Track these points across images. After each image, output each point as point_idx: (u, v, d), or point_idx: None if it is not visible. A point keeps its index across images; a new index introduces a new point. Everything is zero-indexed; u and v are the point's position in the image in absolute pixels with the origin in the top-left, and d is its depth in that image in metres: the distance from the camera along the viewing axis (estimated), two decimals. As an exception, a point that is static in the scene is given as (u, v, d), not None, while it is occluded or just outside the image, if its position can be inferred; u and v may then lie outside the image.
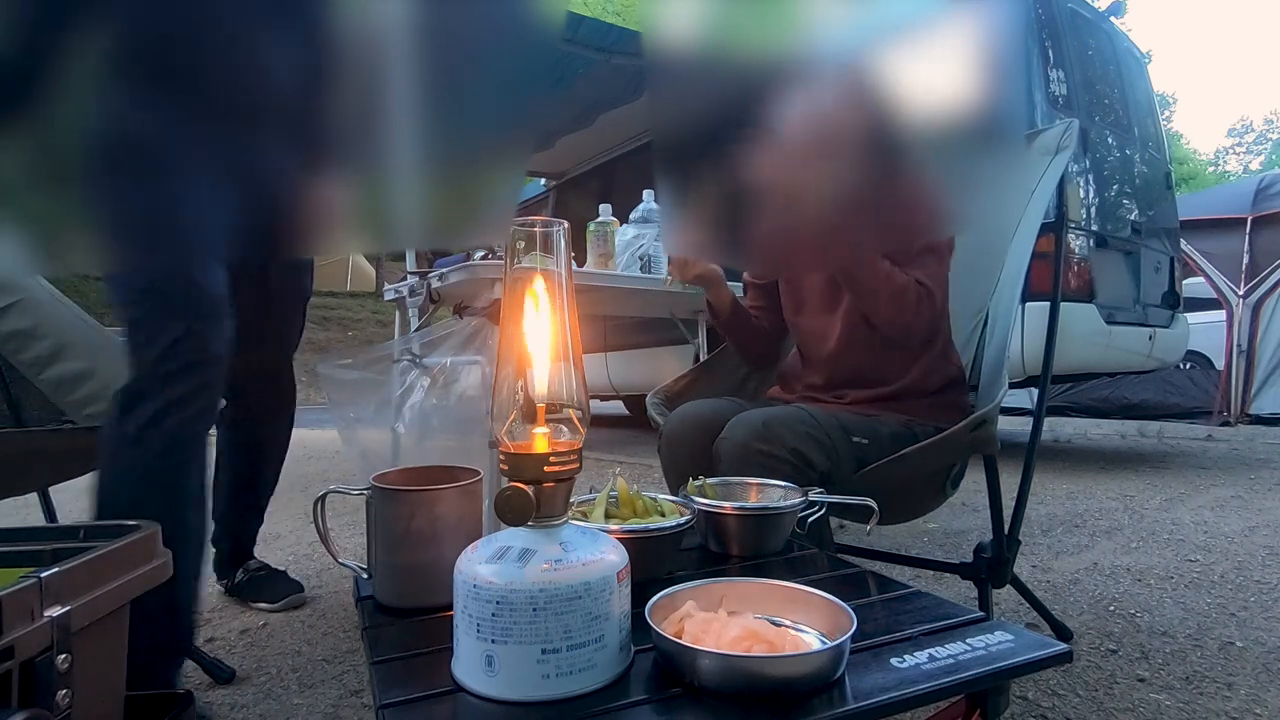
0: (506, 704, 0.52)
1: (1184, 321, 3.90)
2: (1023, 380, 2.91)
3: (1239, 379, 4.55)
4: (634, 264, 2.06)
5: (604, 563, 0.55)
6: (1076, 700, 1.06)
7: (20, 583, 0.40)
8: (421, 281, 1.96)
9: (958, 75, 0.65)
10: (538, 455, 0.55)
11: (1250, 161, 28.58)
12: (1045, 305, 1.33)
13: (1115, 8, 3.68)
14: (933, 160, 0.70)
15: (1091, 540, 2.00)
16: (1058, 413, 5.13)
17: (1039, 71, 3.08)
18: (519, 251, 0.59)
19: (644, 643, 0.58)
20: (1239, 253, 4.56)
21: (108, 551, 0.47)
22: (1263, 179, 4.77)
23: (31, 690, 0.40)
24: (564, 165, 5.03)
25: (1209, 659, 1.21)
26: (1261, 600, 1.49)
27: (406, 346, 1.91)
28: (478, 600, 0.53)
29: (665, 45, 0.71)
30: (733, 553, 0.88)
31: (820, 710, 0.50)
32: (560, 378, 0.58)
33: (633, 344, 4.22)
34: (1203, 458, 3.57)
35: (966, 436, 1.01)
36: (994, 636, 0.59)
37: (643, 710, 0.52)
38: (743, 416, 1.08)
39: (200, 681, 1.16)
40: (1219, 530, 2.09)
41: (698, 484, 0.95)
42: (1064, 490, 2.73)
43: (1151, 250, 3.64)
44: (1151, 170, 3.75)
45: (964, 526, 2.15)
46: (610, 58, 3.16)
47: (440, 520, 0.73)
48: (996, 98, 0.64)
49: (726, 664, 0.52)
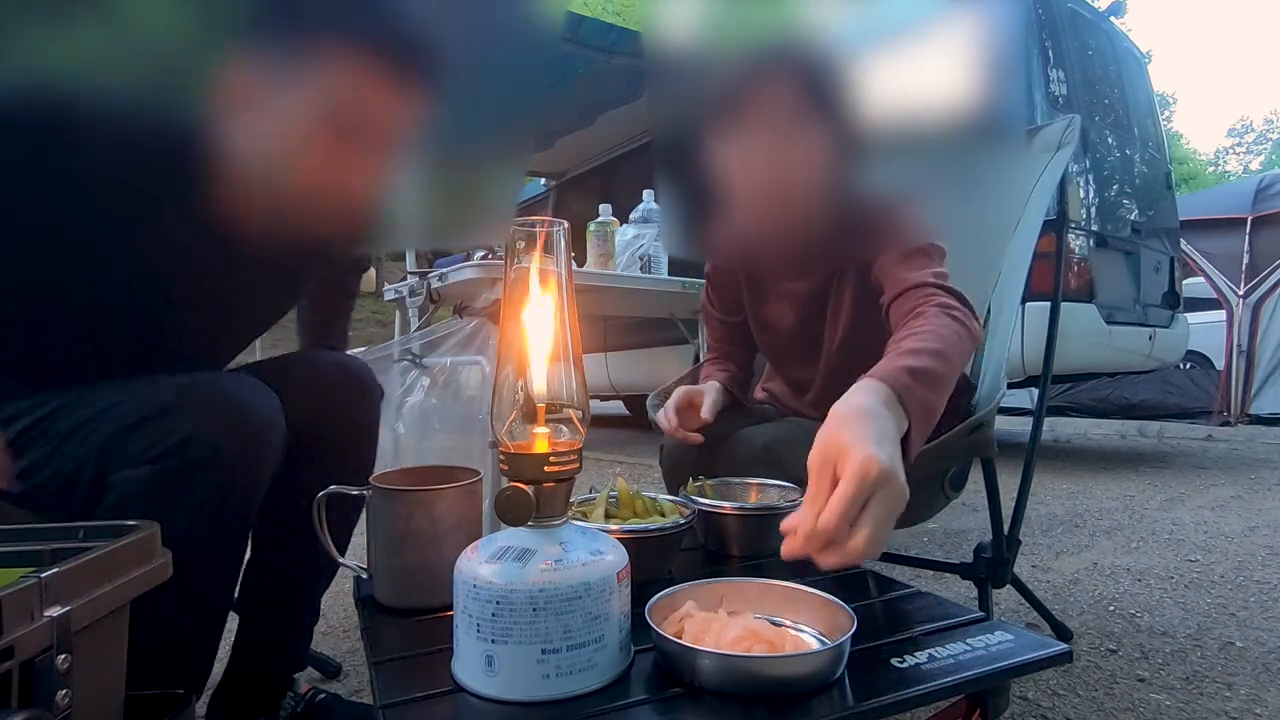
0: (506, 704, 0.52)
1: (1184, 321, 3.90)
2: (1023, 380, 2.91)
3: (1239, 379, 4.55)
4: (634, 264, 2.06)
5: (604, 563, 0.55)
6: (1076, 700, 1.06)
7: (20, 583, 0.40)
8: (421, 281, 1.96)
9: (958, 75, 0.65)
10: (538, 455, 0.55)
11: (1250, 161, 28.60)
12: (1045, 305, 1.33)
13: (1115, 8, 3.68)
14: (933, 159, 0.70)
15: (1091, 540, 2.00)
16: (1058, 413, 5.13)
17: (1039, 71, 3.08)
18: (519, 251, 0.59)
19: (644, 643, 0.58)
20: (1239, 253, 4.57)
21: (108, 551, 0.47)
22: (1263, 179, 4.77)
23: (31, 690, 0.40)
24: (564, 165, 5.03)
25: (1209, 659, 1.21)
26: (1261, 600, 1.49)
27: (406, 346, 1.91)
28: (478, 600, 0.53)
29: (665, 45, 0.71)
30: (733, 553, 0.88)
31: (820, 710, 0.50)
32: (560, 378, 0.58)
33: (633, 344, 4.22)
34: (1203, 458, 3.57)
35: (963, 440, 1.01)
36: (994, 637, 0.59)
37: (643, 710, 0.51)
38: (742, 438, 1.07)
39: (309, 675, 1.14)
40: (1219, 530, 2.09)
41: (698, 484, 0.95)
42: (1064, 490, 2.73)
43: (1151, 250, 3.64)
44: (1151, 170, 3.75)
45: (964, 526, 2.15)
46: (610, 58, 3.16)
47: (440, 520, 0.73)
48: (996, 97, 0.64)
49: (726, 664, 0.52)
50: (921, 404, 0.68)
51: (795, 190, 0.82)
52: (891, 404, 0.66)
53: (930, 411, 0.70)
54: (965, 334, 0.80)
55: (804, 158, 0.80)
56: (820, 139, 0.77)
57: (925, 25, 0.67)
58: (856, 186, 0.75)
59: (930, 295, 0.86)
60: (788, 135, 0.80)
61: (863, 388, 0.68)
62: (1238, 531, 2.07)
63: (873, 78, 0.67)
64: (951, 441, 1.01)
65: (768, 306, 1.14)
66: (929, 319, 0.81)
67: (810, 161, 0.80)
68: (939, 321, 0.80)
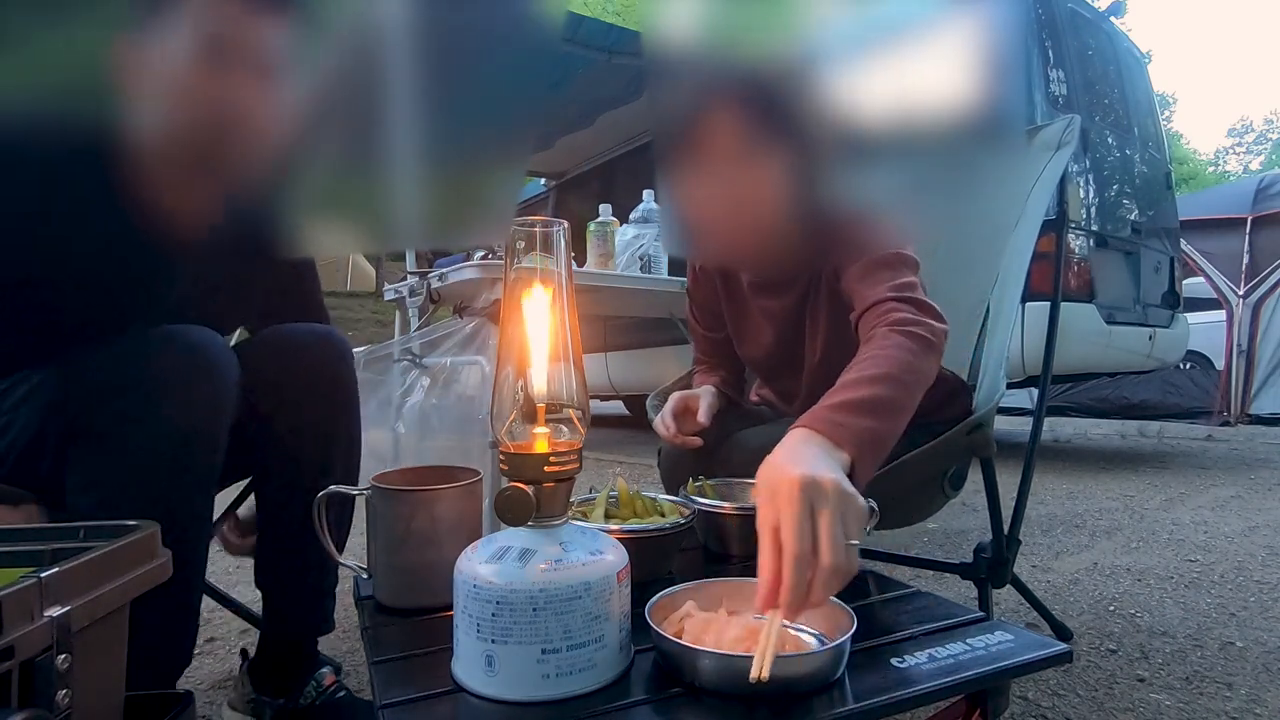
0: (506, 704, 0.52)
1: (1184, 321, 3.90)
2: (1023, 380, 2.91)
3: (1239, 379, 4.55)
4: (634, 264, 2.06)
5: (604, 563, 0.55)
6: (1076, 700, 1.06)
7: (20, 582, 0.40)
8: (421, 281, 1.96)
9: (958, 75, 0.65)
10: (538, 455, 0.55)
11: (1250, 161, 28.59)
12: (1045, 305, 1.33)
13: (1115, 8, 3.68)
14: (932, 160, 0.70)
15: (1091, 540, 2.00)
16: (1058, 413, 5.13)
17: (1039, 71, 3.08)
18: (519, 251, 0.59)
19: (644, 643, 0.58)
20: (1239, 253, 4.57)
21: (108, 551, 0.47)
22: (1263, 179, 4.78)
23: (31, 690, 0.40)
24: (564, 165, 5.02)
25: (1209, 659, 1.21)
26: (1261, 600, 1.49)
27: (406, 346, 1.91)
28: (478, 600, 0.53)
29: (665, 45, 0.71)
30: (733, 553, 0.88)
31: (820, 710, 0.50)
32: (560, 378, 0.58)
33: (633, 344, 4.22)
34: (1203, 458, 3.57)
35: (963, 440, 1.01)
36: (994, 637, 0.59)
37: (643, 710, 0.52)
38: (739, 440, 1.07)
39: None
40: (1219, 530, 2.09)
41: (697, 484, 0.95)
42: (1064, 490, 2.73)
43: (1151, 250, 3.64)
44: (1151, 170, 3.75)
45: (964, 526, 2.15)
46: (610, 58, 3.16)
47: (440, 520, 0.73)
48: (996, 97, 0.64)
49: (726, 664, 0.52)
50: (859, 433, 0.68)
51: (758, 203, 0.82)
52: (815, 440, 0.66)
53: (877, 436, 0.70)
54: (917, 347, 0.79)
55: (766, 171, 0.80)
56: (791, 150, 0.77)
57: (925, 25, 0.67)
58: (823, 198, 0.76)
59: (886, 313, 0.85)
60: (755, 148, 0.80)
61: (788, 437, 0.68)
62: (1238, 531, 2.07)
63: (871, 78, 0.67)
64: (951, 441, 1.01)
65: (747, 324, 1.14)
66: (876, 343, 0.81)
67: (775, 174, 0.80)
68: (886, 343, 0.80)
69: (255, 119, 0.73)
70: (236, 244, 0.82)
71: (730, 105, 0.80)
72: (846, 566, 0.56)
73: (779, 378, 1.18)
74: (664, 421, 1.06)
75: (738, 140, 0.80)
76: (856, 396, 0.72)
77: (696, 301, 1.23)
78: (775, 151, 0.78)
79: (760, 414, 1.23)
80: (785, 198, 0.79)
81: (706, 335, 1.24)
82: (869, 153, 0.70)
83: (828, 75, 0.69)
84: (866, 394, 0.72)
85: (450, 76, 0.69)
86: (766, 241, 0.87)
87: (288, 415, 0.88)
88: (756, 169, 0.80)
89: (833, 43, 0.69)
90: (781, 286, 1.05)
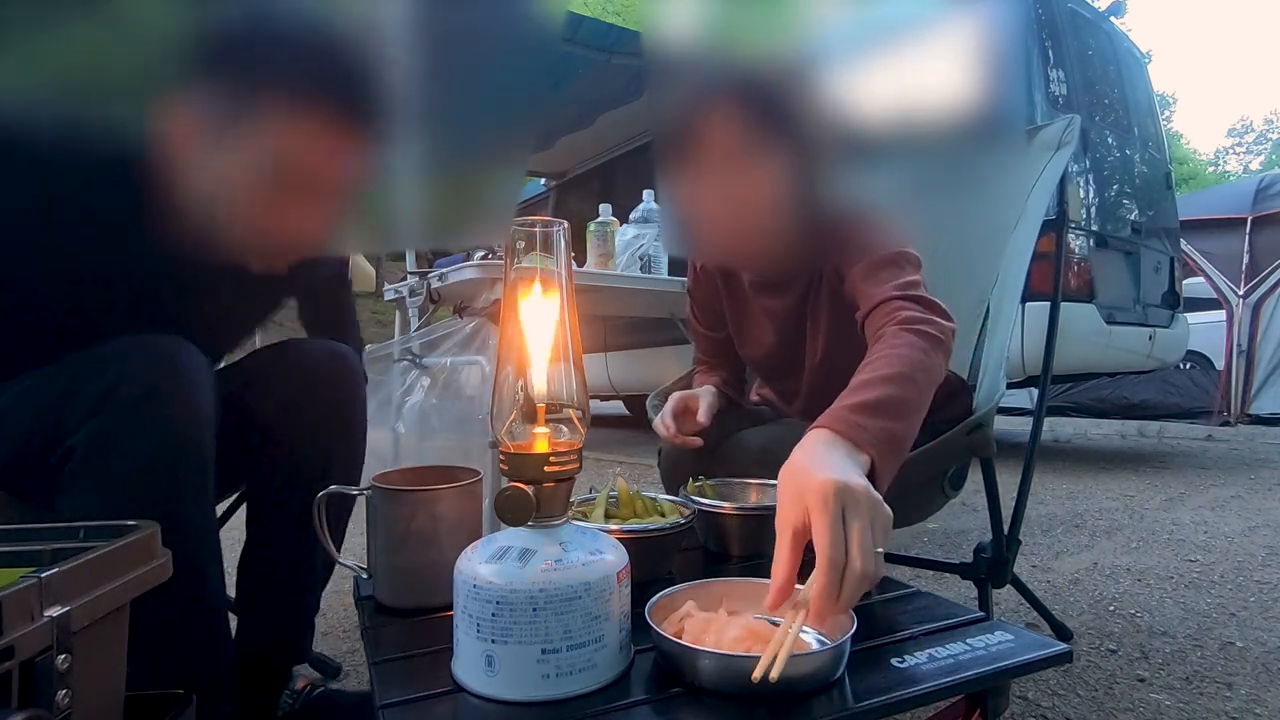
0: (506, 704, 0.52)
1: (1184, 321, 3.90)
2: (1023, 380, 2.91)
3: (1239, 379, 4.55)
4: (634, 264, 2.06)
5: (604, 563, 0.55)
6: (1076, 700, 1.06)
7: (20, 583, 0.40)
8: (421, 281, 1.96)
9: (958, 75, 0.65)
10: (538, 455, 0.55)
11: (1250, 161, 28.58)
12: (1045, 305, 1.33)
13: (1115, 8, 3.68)
14: (932, 160, 0.70)
15: (1091, 540, 2.00)
16: (1058, 413, 5.13)
17: (1039, 71, 3.08)
18: (519, 251, 0.59)
19: (644, 643, 0.58)
20: (1239, 253, 4.57)
21: (108, 551, 0.47)
22: (1263, 179, 4.78)
23: (31, 690, 0.40)
24: (564, 165, 5.03)
25: (1209, 659, 1.21)
26: (1261, 600, 1.49)
27: (406, 346, 1.91)
28: (478, 600, 0.53)
29: (665, 45, 0.72)
30: (733, 553, 0.88)
31: (820, 710, 0.50)
32: (560, 378, 0.58)
33: (633, 344, 4.22)
34: (1203, 458, 3.57)
35: (963, 440, 1.00)
36: (994, 637, 0.59)
37: (643, 710, 0.52)
38: (740, 440, 1.07)
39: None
40: (1219, 530, 2.09)
41: (697, 484, 0.95)
42: (1064, 490, 2.73)
43: (1151, 250, 3.64)
44: (1151, 170, 3.75)
45: (964, 526, 2.16)
46: (610, 58, 3.16)
47: (440, 520, 0.73)
48: (996, 97, 0.64)
49: (726, 664, 0.52)
50: (877, 434, 0.68)
51: (758, 203, 0.82)
52: (839, 444, 0.66)
53: (895, 436, 0.70)
54: (928, 345, 0.79)
55: (766, 171, 0.80)
56: (791, 150, 0.77)
57: (925, 25, 0.67)
58: (823, 198, 0.76)
59: (894, 311, 0.84)
60: (754, 148, 0.80)
61: (809, 438, 0.68)
62: (1238, 531, 2.07)
63: (871, 78, 0.67)
64: (951, 441, 1.01)
65: (748, 323, 1.14)
66: (887, 341, 0.81)
67: (775, 174, 0.80)
68: (897, 341, 0.79)
69: (307, 236, 0.72)
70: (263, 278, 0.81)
71: (730, 105, 0.80)
72: (875, 573, 0.57)
73: (780, 377, 1.17)
74: (664, 421, 1.06)
75: (737, 140, 0.80)
76: (874, 397, 0.71)
77: (698, 301, 1.23)
78: (775, 151, 0.78)
79: (760, 414, 1.23)
80: (785, 197, 0.79)
81: (707, 335, 1.24)
82: (869, 153, 0.70)
83: (827, 75, 0.69)
84: (883, 394, 0.72)
85: (450, 76, 0.69)
86: (766, 241, 0.87)
87: (289, 433, 0.87)
88: (756, 169, 0.80)
89: (832, 43, 0.69)
90: (782, 286, 1.05)
